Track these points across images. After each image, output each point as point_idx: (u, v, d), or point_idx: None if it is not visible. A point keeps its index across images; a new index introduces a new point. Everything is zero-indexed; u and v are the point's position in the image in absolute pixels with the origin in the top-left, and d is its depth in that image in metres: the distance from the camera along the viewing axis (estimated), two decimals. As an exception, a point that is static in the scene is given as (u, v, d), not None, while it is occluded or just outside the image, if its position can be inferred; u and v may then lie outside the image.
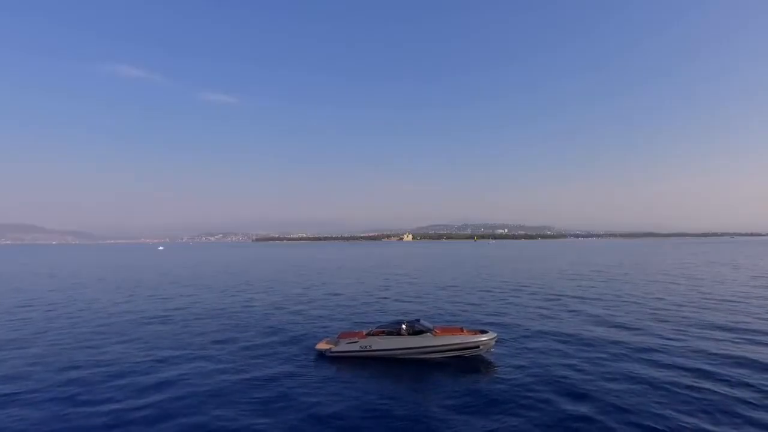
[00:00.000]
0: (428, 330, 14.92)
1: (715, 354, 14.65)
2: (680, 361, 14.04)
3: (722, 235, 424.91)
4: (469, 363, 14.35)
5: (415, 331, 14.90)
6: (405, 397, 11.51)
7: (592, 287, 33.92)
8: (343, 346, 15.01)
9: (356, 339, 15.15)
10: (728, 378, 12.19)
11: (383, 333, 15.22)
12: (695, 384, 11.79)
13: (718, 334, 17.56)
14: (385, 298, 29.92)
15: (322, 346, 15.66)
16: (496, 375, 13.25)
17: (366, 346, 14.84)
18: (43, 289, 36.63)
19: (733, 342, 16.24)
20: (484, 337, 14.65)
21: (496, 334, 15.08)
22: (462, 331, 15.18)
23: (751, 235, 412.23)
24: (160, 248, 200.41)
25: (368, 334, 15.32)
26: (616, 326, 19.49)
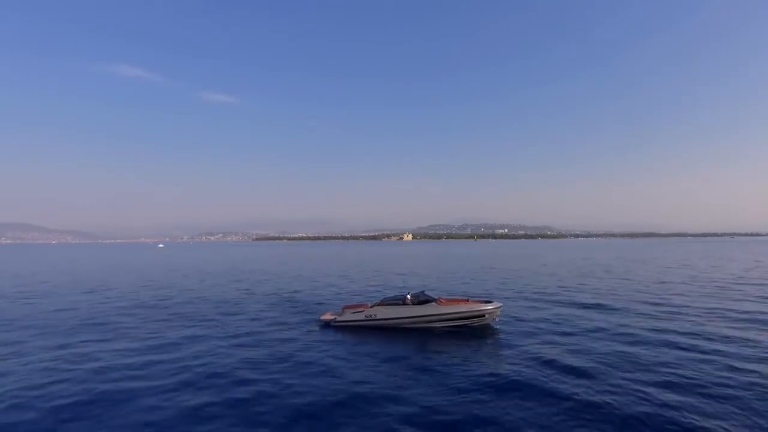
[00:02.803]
0: (433, 300, 14.88)
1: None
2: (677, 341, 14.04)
3: (722, 235, 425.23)
4: (473, 332, 14.32)
5: (420, 301, 14.88)
6: (410, 359, 11.53)
7: (592, 278, 34.10)
8: (348, 316, 14.98)
9: (361, 309, 15.11)
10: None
11: (388, 304, 15.19)
12: (698, 356, 12.01)
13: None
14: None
15: (326, 317, 15.62)
16: (498, 345, 13.22)
17: (371, 315, 14.80)
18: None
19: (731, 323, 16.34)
20: (489, 306, 14.61)
21: (501, 304, 15.03)
22: (467, 301, 15.13)
23: (752, 235, 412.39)
24: (161, 246, 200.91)
25: (373, 306, 15.29)
26: (615, 310, 19.65)
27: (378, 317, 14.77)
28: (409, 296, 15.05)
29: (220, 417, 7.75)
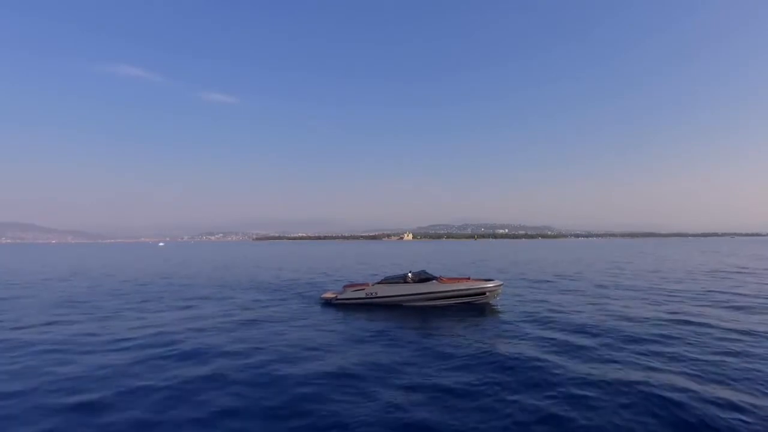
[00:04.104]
0: (434, 278, 14.97)
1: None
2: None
3: (723, 235, 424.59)
4: (472, 310, 14.41)
5: (421, 279, 14.97)
6: (410, 335, 11.63)
7: (593, 267, 34.36)
8: (349, 294, 15.08)
9: (362, 288, 15.21)
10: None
11: (389, 282, 15.29)
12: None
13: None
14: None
15: (327, 295, 15.74)
16: (498, 321, 13.32)
17: (372, 293, 14.90)
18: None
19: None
20: (490, 284, 14.70)
21: (502, 282, 15.13)
22: (468, 279, 15.22)
23: (752, 235, 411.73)
24: (161, 245, 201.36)
25: (374, 285, 15.40)
26: (616, 293, 19.80)
27: (379, 295, 14.87)
28: (410, 274, 15.15)
29: (215, 389, 7.47)
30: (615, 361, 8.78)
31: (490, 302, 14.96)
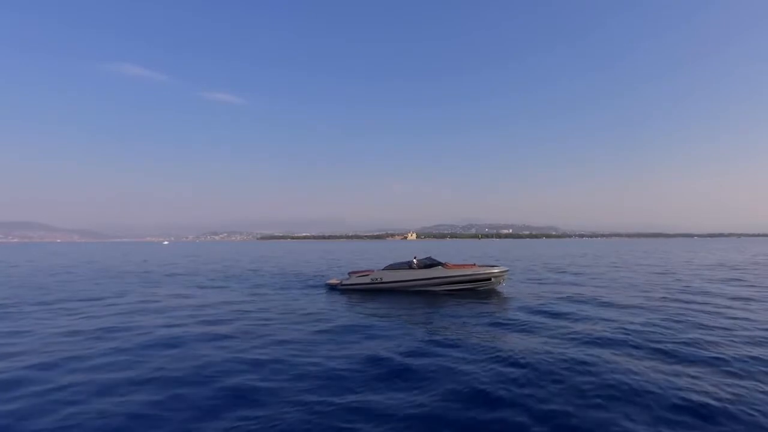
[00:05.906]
0: (439, 264, 15.03)
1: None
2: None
3: (729, 235, 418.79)
4: (477, 295, 14.42)
5: (426, 265, 15.04)
6: (413, 320, 11.79)
7: (598, 263, 34.19)
8: (354, 280, 15.19)
9: (367, 274, 15.30)
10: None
11: (394, 269, 15.37)
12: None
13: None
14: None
15: (332, 281, 15.87)
16: (503, 308, 13.26)
17: (377, 279, 14.99)
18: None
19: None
20: (495, 270, 14.73)
21: (507, 268, 15.15)
22: (474, 266, 15.26)
23: (759, 236, 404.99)
24: (165, 243, 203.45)
25: (379, 271, 15.48)
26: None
27: (384, 280, 14.96)
28: (415, 260, 15.22)
29: (215, 370, 7.11)
30: (616, 345, 8.58)
31: (496, 288, 14.98)
